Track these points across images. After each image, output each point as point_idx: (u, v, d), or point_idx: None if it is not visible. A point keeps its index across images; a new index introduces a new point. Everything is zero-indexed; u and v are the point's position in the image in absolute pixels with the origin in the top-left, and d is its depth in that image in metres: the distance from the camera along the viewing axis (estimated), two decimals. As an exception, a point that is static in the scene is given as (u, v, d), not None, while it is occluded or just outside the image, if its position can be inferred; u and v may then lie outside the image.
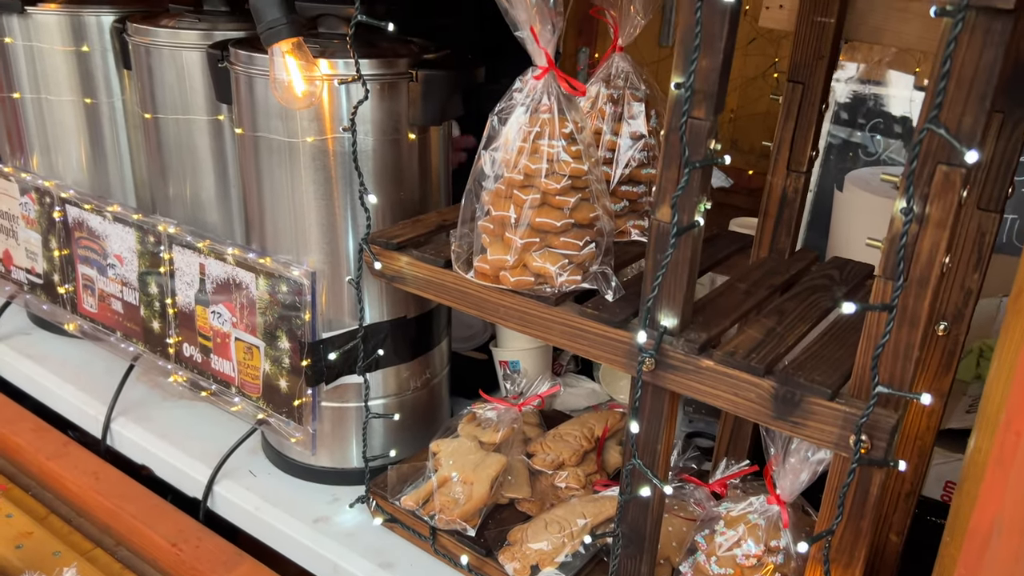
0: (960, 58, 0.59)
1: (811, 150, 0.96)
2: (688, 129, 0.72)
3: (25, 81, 1.44)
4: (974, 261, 0.86)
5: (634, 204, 1.03)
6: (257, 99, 1.07)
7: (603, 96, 1.00)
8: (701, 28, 0.68)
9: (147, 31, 1.25)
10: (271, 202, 1.13)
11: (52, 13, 1.39)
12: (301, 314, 1.11)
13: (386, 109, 1.06)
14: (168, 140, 1.31)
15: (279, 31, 0.91)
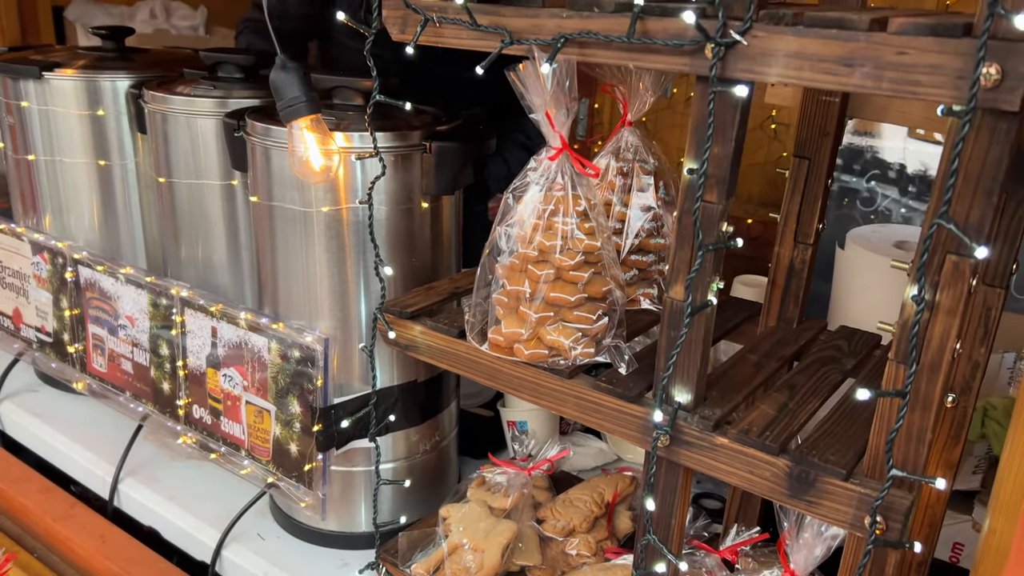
0: (967, 155, 0.61)
1: (818, 223, 0.98)
2: (701, 212, 0.74)
3: (40, 143, 1.47)
4: (980, 335, 0.87)
5: (644, 272, 1.05)
6: (273, 169, 1.09)
7: (613, 169, 1.02)
8: (714, 119, 0.71)
9: (163, 98, 1.28)
10: (285, 268, 1.14)
11: (69, 78, 1.42)
12: (313, 379, 1.12)
13: (400, 180, 1.08)
14: (181, 204, 1.33)
15: (299, 109, 0.94)
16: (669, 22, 0.71)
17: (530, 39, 0.79)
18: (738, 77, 0.69)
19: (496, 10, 0.81)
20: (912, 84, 0.60)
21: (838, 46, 0.63)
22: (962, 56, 0.58)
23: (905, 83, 0.61)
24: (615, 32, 0.74)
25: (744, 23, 0.66)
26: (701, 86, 0.71)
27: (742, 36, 0.67)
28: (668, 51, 0.71)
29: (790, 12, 0.65)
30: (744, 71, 0.68)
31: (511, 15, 0.80)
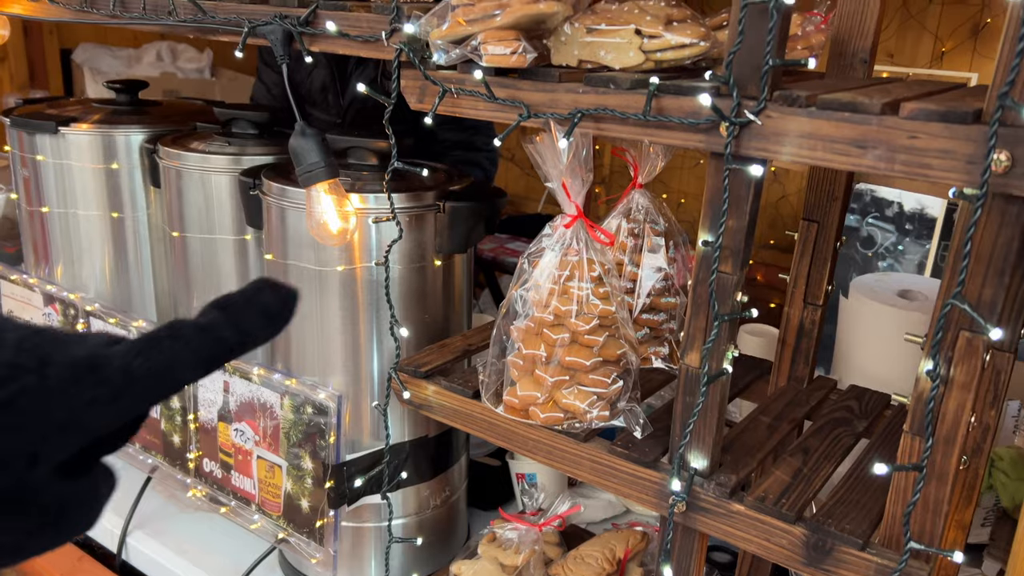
0: (979, 237, 0.62)
1: (827, 284, 0.99)
2: (717, 283, 0.75)
3: (54, 196, 1.49)
4: (990, 399, 0.88)
5: (655, 331, 1.06)
6: (288, 228, 1.11)
7: (624, 230, 1.04)
8: (728, 194, 0.72)
9: (177, 155, 1.30)
10: (298, 325, 1.15)
11: (84, 133, 1.44)
12: (326, 436, 1.13)
13: (414, 239, 1.09)
14: (194, 257, 1.34)
15: (317, 174, 0.96)
16: (684, 100, 0.73)
17: (547, 113, 0.81)
18: (752, 155, 0.70)
19: (513, 83, 0.83)
20: (924, 167, 0.62)
21: (850, 129, 0.65)
22: (972, 142, 0.60)
23: (917, 166, 0.63)
24: (631, 109, 0.76)
25: (758, 104, 0.68)
26: (716, 162, 0.73)
27: (756, 116, 0.69)
28: (683, 128, 0.73)
29: (804, 94, 0.67)
30: (758, 149, 0.70)
31: (528, 89, 0.82)
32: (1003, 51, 0.59)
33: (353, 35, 0.91)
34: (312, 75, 1.80)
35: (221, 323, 0.38)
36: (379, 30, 0.89)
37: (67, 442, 0.33)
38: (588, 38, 0.82)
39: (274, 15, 0.96)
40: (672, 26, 0.81)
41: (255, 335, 0.39)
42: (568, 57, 0.84)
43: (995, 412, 0.89)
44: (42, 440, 0.32)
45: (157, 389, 0.35)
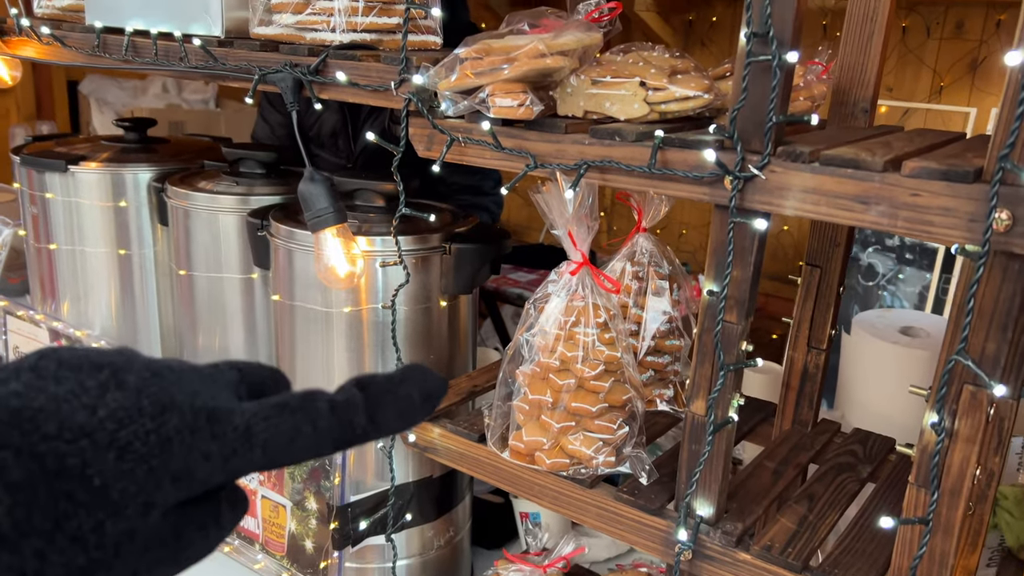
0: (981, 293, 0.63)
1: (830, 328, 1.00)
2: (722, 333, 0.76)
3: (63, 233, 1.50)
4: (994, 444, 0.89)
5: (660, 373, 1.07)
6: (296, 270, 1.12)
7: (628, 273, 1.05)
8: (733, 245, 0.73)
9: (186, 195, 1.31)
10: (304, 365, 1.16)
11: (93, 171, 1.45)
12: (331, 476, 1.13)
13: (420, 281, 1.10)
14: (201, 295, 1.35)
15: (326, 219, 0.97)
16: (689, 154, 0.74)
17: (553, 163, 0.82)
18: (756, 208, 0.72)
19: (520, 134, 0.84)
20: (926, 224, 0.63)
21: (853, 185, 0.66)
22: (973, 200, 0.61)
23: (919, 223, 0.64)
24: (636, 161, 0.77)
25: (762, 159, 0.70)
26: (720, 214, 0.74)
27: (760, 171, 0.70)
28: (688, 181, 0.74)
29: (807, 150, 0.68)
30: (762, 203, 0.71)
31: (535, 139, 0.83)
32: (1003, 112, 0.60)
33: (363, 84, 0.93)
34: (322, 119, 1.82)
35: (357, 406, 0.35)
36: (388, 80, 0.91)
37: (180, 489, 0.32)
38: (593, 90, 0.83)
39: (284, 63, 0.97)
40: (676, 78, 0.83)
41: (389, 427, 0.36)
42: (574, 108, 0.85)
43: (999, 458, 0.89)
44: (156, 487, 0.31)
45: (273, 457, 0.34)
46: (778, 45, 0.68)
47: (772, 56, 0.68)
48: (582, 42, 0.82)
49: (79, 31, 1.22)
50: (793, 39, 0.69)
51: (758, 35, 0.69)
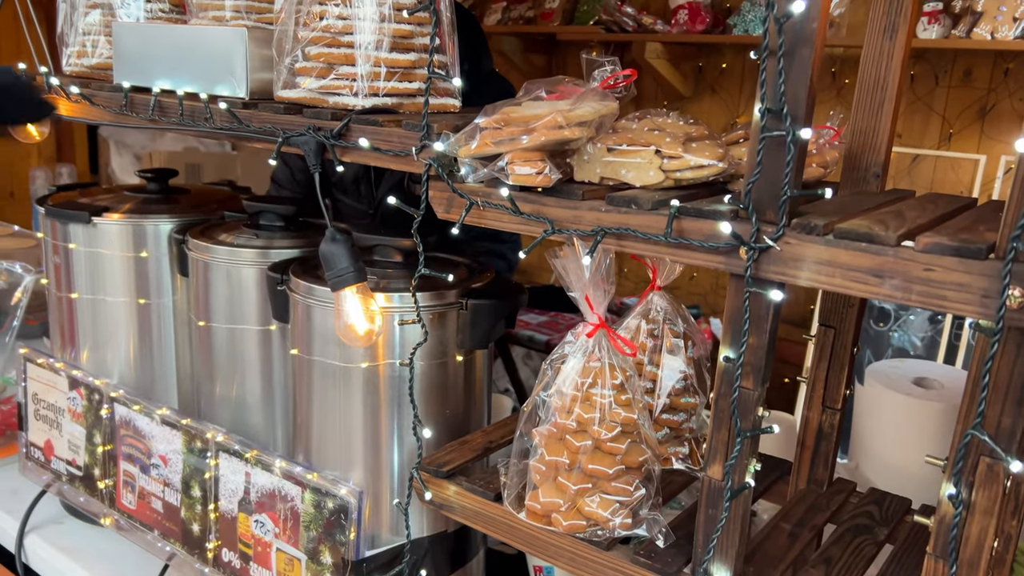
0: (996, 369, 0.64)
1: (845, 388, 1.01)
2: (739, 400, 0.77)
3: (84, 283, 1.52)
4: (1011, 508, 0.88)
5: (676, 431, 1.07)
6: (315, 325, 1.14)
7: (643, 331, 1.06)
8: (749, 314, 0.74)
9: (206, 247, 1.34)
10: (320, 419, 1.17)
11: (116, 223, 1.48)
12: (346, 531, 1.13)
13: (436, 336, 1.12)
14: (219, 346, 1.37)
15: (347, 279, 0.98)
16: (704, 223, 0.75)
17: (570, 229, 0.84)
18: (771, 278, 0.73)
19: (538, 199, 0.86)
20: (940, 299, 0.64)
21: (867, 259, 0.67)
22: (987, 277, 0.62)
23: (933, 297, 0.65)
24: (652, 229, 0.78)
25: (777, 231, 0.71)
26: (736, 282, 0.75)
27: (775, 242, 0.71)
28: (704, 250, 0.76)
29: (821, 223, 0.70)
30: (777, 273, 0.72)
31: (552, 205, 0.85)
32: (1014, 192, 0.62)
33: (384, 149, 0.95)
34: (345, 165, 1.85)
35: None
36: (409, 146, 0.93)
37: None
38: (610, 157, 0.85)
39: (308, 127, 1.00)
40: (691, 146, 0.84)
41: None
42: (590, 174, 0.87)
43: (1016, 522, 0.89)
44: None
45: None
46: (792, 121, 0.70)
47: (786, 132, 0.70)
48: (599, 112, 0.84)
49: (107, 90, 1.26)
50: (806, 116, 0.70)
51: (772, 111, 0.71)
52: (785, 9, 0.67)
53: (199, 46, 1.16)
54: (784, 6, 0.68)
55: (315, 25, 1.03)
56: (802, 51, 0.69)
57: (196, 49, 1.16)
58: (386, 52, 1.01)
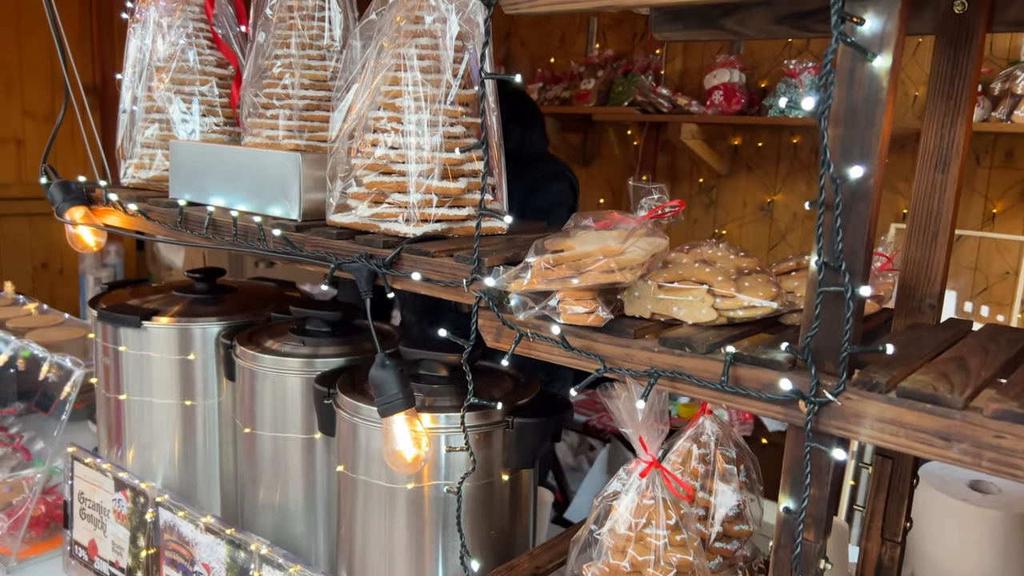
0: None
1: (904, 520, 0.97)
2: (801, 553, 0.74)
3: (132, 384, 1.55)
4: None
5: (729, 559, 1.04)
6: (360, 443, 1.14)
7: (695, 455, 1.04)
8: (810, 467, 0.73)
9: (252, 356, 1.35)
10: (363, 536, 1.16)
11: (164, 327, 1.51)
12: (390, 656, 1.11)
13: (482, 456, 1.11)
14: (263, 454, 1.37)
15: (395, 405, 0.99)
16: (761, 372, 0.75)
17: (623, 368, 0.83)
18: (831, 432, 0.71)
19: (589, 335, 0.86)
20: (1012, 467, 0.62)
21: (934, 421, 0.66)
22: (1061, 448, 0.60)
23: (1005, 464, 0.63)
24: (707, 374, 0.78)
25: (837, 386, 0.70)
26: (796, 432, 0.74)
27: (835, 397, 0.70)
28: (762, 399, 0.75)
29: (883, 380, 0.69)
30: (838, 428, 0.71)
31: (603, 342, 0.85)
32: (1086, 361, 0.60)
33: (435, 280, 0.96)
34: None
35: None
36: (460, 278, 0.94)
37: None
38: (661, 295, 0.85)
39: (360, 254, 1.01)
40: (744, 285, 0.84)
41: None
42: (641, 310, 0.87)
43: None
44: None
45: None
46: (850, 277, 0.69)
47: (844, 288, 0.69)
48: (650, 253, 0.84)
49: (163, 206, 1.30)
50: (864, 271, 0.70)
51: (829, 266, 0.70)
52: (842, 171, 0.67)
53: (254, 168, 1.19)
54: (841, 167, 0.68)
55: (368, 151, 1.06)
56: (859, 207, 0.69)
57: (251, 170, 1.20)
58: (437, 180, 1.03)
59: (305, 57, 1.24)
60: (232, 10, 1.48)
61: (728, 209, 3.71)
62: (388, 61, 1.04)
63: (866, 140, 0.68)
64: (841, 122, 0.69)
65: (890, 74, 0.67)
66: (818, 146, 0.68)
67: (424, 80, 1.03)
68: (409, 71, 1.03)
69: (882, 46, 0.67)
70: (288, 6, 1.24)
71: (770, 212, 3.56)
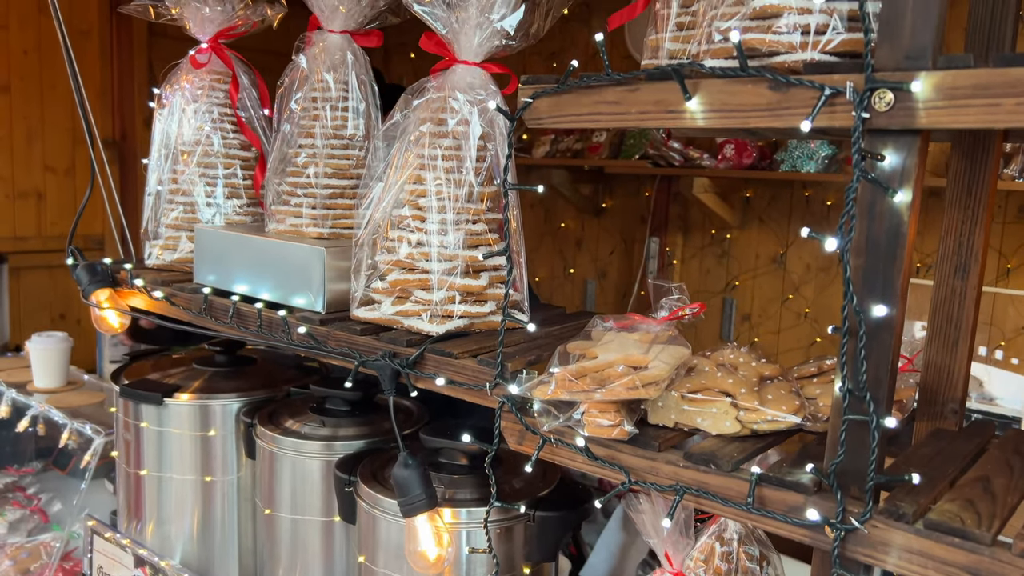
0: None
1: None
2: (827, 677, 0.74)
3: (152, 460, 1.55)
4: None
5: (751, 660, 1.03)
6: (380, 534, 1.14)
7: (718, 553, 1.04)
8: (837, 592, 0.73)
9: (273, 437, 1.36)
10: (385, 628, 1.15)
11: (185, 404, 1.52)
12: None
13: (503, 551, 1.11)
14: (283, 535, 1.37)
15: (419, 506, 0.99)
16: (787, 494, 0.75)
17: (648, 481, 0.84)
18: (858, 558, 0.71)
19: (613, 444, 0.87)
20: (1043, 608, 0.62)
21: (962, 555, 0.66)
22: (1092, 592, 0.60)
23: (1035, 604, 0.63)
24: (732, 492, 0.78)
25: (864, 514, 0.70)
26: (822, 556, 0.74)
27: (861, 525, 0.70)
28: (787, 522, 0.75)
29: (909, 510, 0.69)
30: (864, 555, 0.71)
31: (628, 453, 0.85)
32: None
33: (459, 382, 0.97)
34: None
35: None
36: (484, 381, 0.95)
37: None
38: (686, 406, 0.86)
39: (384, 352, 1.03)
40: (767, 397, 0.85)
41: None
42: (665, 419, 0.88)
43: None
44: None
45: None
46: (875, 407, 0.70)
47: (870, 418, 0.70)
48: (674, 367, 0.85)
49: (187, 291, 1.32)
50: (888, 399, 0.71)
51: (854, 394, 0.71)
52: (866, 305, 0.68)
53: (280, 258, 1.21)
54: (864, 299, 0.69)
55: (393, 248, 1.08)
56: (882, 336, 0.70)
57: (276, 260, 1.22)
58: (460, 278, 1.04)
59: (329, 147, 1.27)
60: (256, 92, 1.51)
61: (741, 261, 3.71)
62: (412, 161, 1.06)
63: (889, 273, 0.69)
64: (863, 253, 0.70)
65: (911, 209, 0.68)
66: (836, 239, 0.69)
67: (447, 179, 1.05)
68: (432, 171, 1.05)
69: (902, 182, 0.68)
70: (312, 97, 1.27)
71: (783, 264, 3.56)
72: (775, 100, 0.73)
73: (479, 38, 1.04)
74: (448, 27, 1.04)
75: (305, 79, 1.26)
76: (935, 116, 0.65)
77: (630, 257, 4.04)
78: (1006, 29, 0.86)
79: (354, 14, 1.26)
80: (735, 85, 0.75)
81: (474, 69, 1.06)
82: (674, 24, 0.99)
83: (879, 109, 0.67)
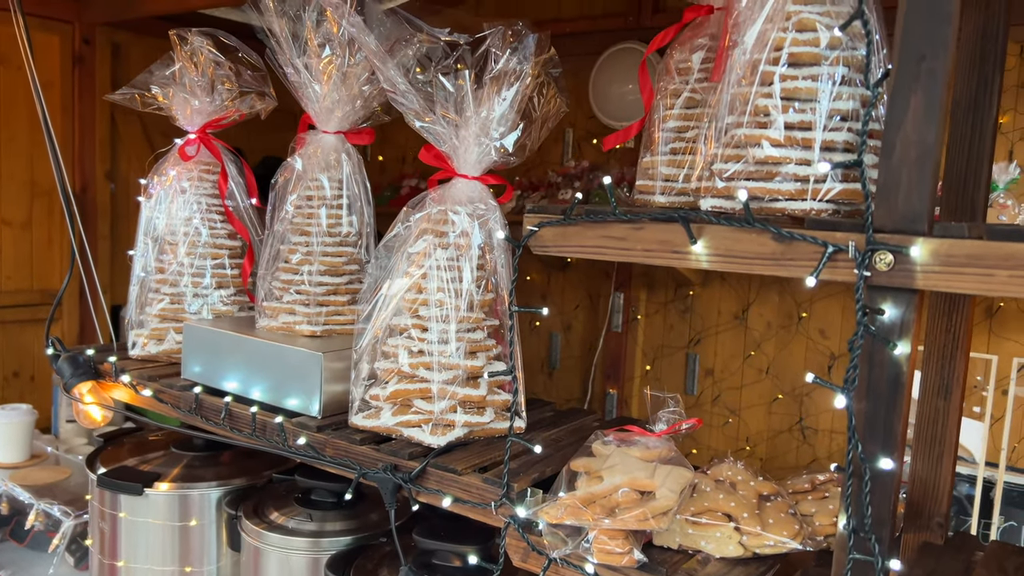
0: None
1: None
2: None
3: (130, 551, 1.52)
4: None
5: None
6: (377, 642, 1.13)
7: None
8: None
9: (259, 533, 1.34)
10: None
11: (164, 494, 1.50)
12: None
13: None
14: (269, 633, 1.35)
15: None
16: (794, 627, 0.77)
17: (655, 606, 0.85)
18: None
19: (624, 569, 0.88)
20: None
21: None
22: None
23: None
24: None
25: (870, 651, 0.73)
26: None
27: (869, 661, 0.73)
28: (795, 654, 0.77)
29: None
30: None
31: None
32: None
33: (464, 500, 0.98)
34: None
35: None
36: (489, 499, 0.96)
37: None
38: (691, 530, 0.88)
39: (385, 465, 1.03)
40: (768, 521, 0.88)
41: None
42: (671, 542, 0.90)
43: None
44: None
45: None
46: (879, 548, 0.73)
47: (875, 559, 0.73)
48: (679, 494, 0.87)
49: (177, 388, 1.30)
50: (891, 538, 0.74)
51: (859, 533, 0.74)
52: (872, 456, 0.72)
53: (274, 360, 1.21)
54: (868, 446, 0.72)
55: (392, 355, 1.09)
56: (884, 479, 0.73)
57: (271, 362, 1.22)
58: (460, 387, 1.06)
59: (323, 244, 1.28)
60: (243, 180, 1.52)
61: (704, 316, 3.78)
62: (413, 271, 1.08)
63: (889, 419, 0.73)
64: (864, 397, 0.74)
65: (909, 360, 0.72)
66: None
67: (449, 290, 1.07)
68: (434, 281, 1.07)
69: (901, 334, 0.72)
70: (307, 196, 1.29)
71: (744, 321, 3.65)
72: (779, 251, 0.77)
73: (478, 154, 1.07)
74: (448, 143, 1.07)
75: (299, 179, 1.27)
76: (932, 280, 0.69)
77: (595, 311, 4.08)
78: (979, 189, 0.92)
79: (348, 116, 1.28)
80: (740, 233, 0.78)
81: (473, 183, 1.09)
82: (669, 149, 1.04)
83: (880, 269, 0.71)
